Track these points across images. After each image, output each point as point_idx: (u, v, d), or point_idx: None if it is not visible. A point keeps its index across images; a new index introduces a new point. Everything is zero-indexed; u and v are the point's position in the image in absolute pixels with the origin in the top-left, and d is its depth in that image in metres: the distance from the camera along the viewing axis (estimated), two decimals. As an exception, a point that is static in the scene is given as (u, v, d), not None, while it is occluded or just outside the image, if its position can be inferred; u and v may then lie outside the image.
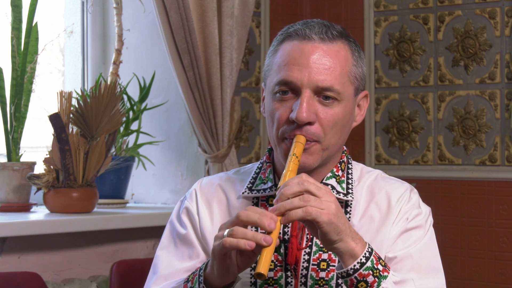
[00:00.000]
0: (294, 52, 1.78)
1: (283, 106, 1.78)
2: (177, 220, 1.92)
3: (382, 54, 3.66)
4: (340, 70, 1.77)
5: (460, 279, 3.46)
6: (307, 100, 1.74)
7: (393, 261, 1.78)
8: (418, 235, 1.82)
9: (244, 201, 1.87)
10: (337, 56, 1.77)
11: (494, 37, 3.40)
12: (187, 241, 1.88)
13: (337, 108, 1.77)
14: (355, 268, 1.64)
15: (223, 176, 1.95)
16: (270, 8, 3.67)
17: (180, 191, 3.45)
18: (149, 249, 3.24)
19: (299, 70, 1.75)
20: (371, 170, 1.92)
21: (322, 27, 1.79)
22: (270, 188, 1.85)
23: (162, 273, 1.86)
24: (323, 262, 1.79)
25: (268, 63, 1.84)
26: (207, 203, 1.90)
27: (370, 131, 3.69)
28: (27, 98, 3.00)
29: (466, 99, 3.46)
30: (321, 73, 1.75)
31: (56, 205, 2.97)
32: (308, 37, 1.77)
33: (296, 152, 1.73)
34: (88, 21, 3.52)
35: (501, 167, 3.38)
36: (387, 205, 1.84)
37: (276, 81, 1.78)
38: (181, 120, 3.46)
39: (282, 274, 1.80)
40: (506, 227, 3.37)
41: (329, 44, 1.78)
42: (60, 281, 2.94)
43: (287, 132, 1.77)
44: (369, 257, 1.65)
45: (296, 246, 1.79)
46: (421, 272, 1.79)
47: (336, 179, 1.85)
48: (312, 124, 1.75)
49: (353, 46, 1.82)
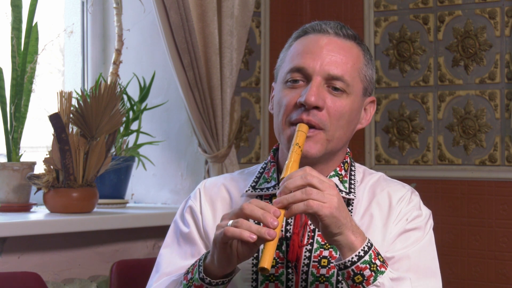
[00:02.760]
0: (309, 43, 1.83)
1: (292, 93, 1.81)
2: (181, 219, 1.94)
3: (382, 54, 3.66)
4: (352, 65, 1.82)
5: (460, 279, 3.46)
6: (317, 86, 1.78)
7: (391, 261, 1.79)
8: (417, 236, 1.84)
9: (248, 199, 1.88)
10: (349, 52, 1.83)
11: (494, 37, 3.40)
12: (189, 240, 1.89)
13: (345, 100, 1.81)
14: (352, 261, 1.65)
15: (227, 176, 1.98)
16: (270, 8, 3.67)
17: (180, 191, 3.45)
18: (149, 249, 3.24)
19: (312, 58, 1.80)
20: (374, 172, 1.94)
21: (337, 24, 1.85)
22: (273, 187, 1.86)
23: (165, 270, 1.87)
24: (324, 259, 1.80)
25: (281, 58, 1.89)
26: (210, 202, 1.92)
27: (370, 131, 3.69)
28: (27, 98, 2.99)
29: (466, 99, 3.46)
30: (333, 63, 1.80)
31: (56, 205, 2.96)
32: (323, 30, 1.84)
33: (299, 142, 1.75)
34: (88, 21, 3.52)
35: (501, 167, 3.39)
36: (388, 205, 1.85)
37: (289, 68, 1.82)
38: (181, 120, 3.46)
39: (283, 271, 1.81)
40: (506, 227, 3.37)
41: (343, 40, 1.84)
42: (60, 281, 2.94)
43: (293, 116, 1.79)
44: (367, 251, 1.66)
45: (297, 243, 1.81)
46: (418, 273, 1.80)
47: (339, 178, 1.86)
48: (319, 110, 1.78)
49: (365, 50, 1.88)
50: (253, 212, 1.60)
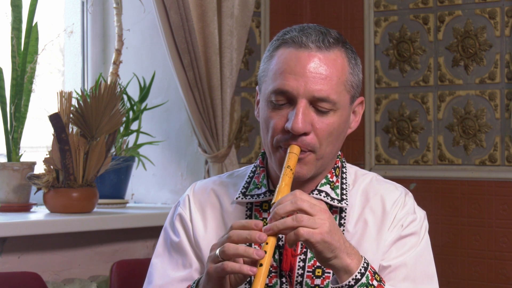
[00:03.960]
0: (290, 60, 1.74)
1: (278, 115, 1.75)
2: (171, 227, 1.91)
3: (382, 54, 3.66)
4: (337, 80, 1.75)
5: (460, 279, 3.46)
6: (302, 111, 1.72)
7: (387, 269, 1.77)
8: (413, 242, 1.81)
9: (238, 206, 1.86)
10: (333, 65, 1.75)
11: (494, 37, 3.40)
12: (180, 249, 1.87)
13: (333, 117, 1.75)
14: (349, 285, 1.63)
15: (216, 180, 1.93)
16: (270, 8, 3.67)
17: (180, 191, 3.45)
18: (149, 249, 3.24)
19: (295, 79, 1.72)
20: (366, 173, 1.90)
21: (319, 35, 1.75)
22: (264, 194, 1.83)
23: (157, 283, 1.85)
24: (318, 269, 1.78)
25: (264, 69, 1.81)
26: (200, 209, 1.89)
27: (370, 131, 3.68)
28: (27, 98, 3.00)
29: (466, 99, 3.46)
30: (318, 82, 1.72)
31: (56, 205, 2.97)
32: (304, 45, 1.74)
33: (290, 164, 1.70)
34: (88, 21, 3.52)
35: (501, 167, 3.38)
36: (382, 210, 1.83)
37: (272, 89, 1.75)
38: (181, 120, 3.46)
39: (277, 281, 1.79)
40: (506, 227, 3.37)
41: (326, 52, 1.75)
42: (60, 281, 2.94)
43: (282, 141, 1.75)
44: (364, 273, 1.64)
45: (291, 252, 1.78)
46: (415, 281, 1.78)
47: (330, 185, 1.83)
48: (307, 134, 1.73)
49: (349, 53, 1.79)
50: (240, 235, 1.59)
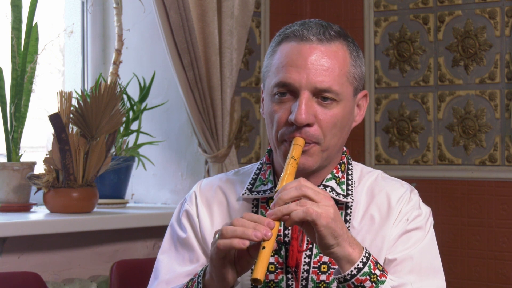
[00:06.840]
0: (292, 54, 1.77)
1: (281, 108, 1.77)
2: (177, 223, 1.91)
3: (382, 54, 3.66)
4: (339, 71, 1.76)
5: (460, 279, 3.46)
6: (305, 102, 1.74)
7: (393, 263, 1.78)
8: (418, 236, 1.82)
9: (244, 203, 1.87)
10: (335, 57, 1.77)
11: (494, 37, 3.40)
12: (187, 245, 1.87)
13: (336, 109, 1.77)
14: (352, 274, 1.64)
15: (223, 177, 1.94)
16: (270, 8, 3.67)
17: (180, 191, 3.45)
18: (149, 249, 3.24)
19: (297, 72, 1.75)
20: (372, 171, 1.91)
21: (320, 28, 1.78)
22: (270, 190, 1.84)
23: (163, 278, 1.85)
24: (323, 265, 1.79)
25: (267, 65, 1.83)
26: (207, 205, 1.89)
27: (370, 131, 3.69)
28: (27, 98, 3.00)
29: (466, 99, 3.46)
30: (319, 74, 1.74)
31: (56, 205, 2.97)
32: (306, 38, 1.76)
33: (295, 155, 1.72)
34: (88, 21, 3.52)
35: (501, 167, 3.39)
36: (387, 206, 1.83)
37: (275, 83, 1.77)
38: (181, 120, 3.46)
39: (283, 277, 1.79)
40: (506, 227, 3.37)
41: (327, 44, 1.77)
42: (60, 281, 2.94)
43: (286, 134, 1.76)
44: (366, 262, 1.65)
45: (296, 248, 1.79)
46: (421, 274, 1.78)
47: (336, 181, 1.84)
48: (311, 125, 1.75)
49: (351, 46, 1.81)
50: (244, 225, 1.59)
